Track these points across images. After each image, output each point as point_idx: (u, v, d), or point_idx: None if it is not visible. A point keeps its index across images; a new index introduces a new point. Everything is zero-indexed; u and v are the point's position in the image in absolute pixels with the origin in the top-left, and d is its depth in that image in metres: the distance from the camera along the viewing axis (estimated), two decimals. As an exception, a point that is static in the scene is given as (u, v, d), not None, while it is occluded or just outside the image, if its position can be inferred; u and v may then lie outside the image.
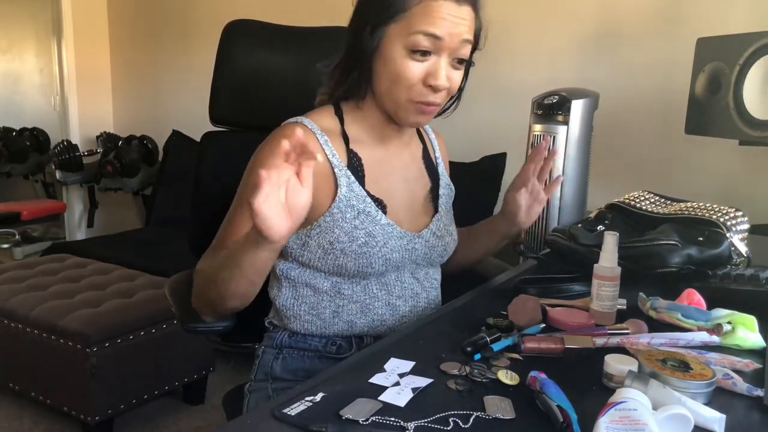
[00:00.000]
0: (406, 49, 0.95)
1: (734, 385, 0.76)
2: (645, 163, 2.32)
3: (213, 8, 3.57)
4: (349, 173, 1.02)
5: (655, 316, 0.99)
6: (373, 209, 1.02)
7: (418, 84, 0.97)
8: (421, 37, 0.94)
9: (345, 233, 1.00)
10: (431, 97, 0.98)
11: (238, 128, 1.43)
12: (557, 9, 2.48)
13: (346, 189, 1.01)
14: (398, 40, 0.96)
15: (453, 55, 0.97)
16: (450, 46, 0.96)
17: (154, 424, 2.22)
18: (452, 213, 1.19)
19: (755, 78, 1.61)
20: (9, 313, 2.14)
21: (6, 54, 5.27)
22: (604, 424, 0.61)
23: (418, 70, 0.96)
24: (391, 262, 1.04)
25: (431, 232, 1.11)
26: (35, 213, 4.04)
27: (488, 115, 2.62)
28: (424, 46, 0.95)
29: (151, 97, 3.98)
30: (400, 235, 1.05)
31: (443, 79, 0.97)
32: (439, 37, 0.94)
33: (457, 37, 0.95)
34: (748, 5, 2.07)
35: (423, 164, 1.16)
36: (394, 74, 0.97)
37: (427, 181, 1.15)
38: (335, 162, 1.01)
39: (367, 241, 1.01)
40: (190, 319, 1.17)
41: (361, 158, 1.05)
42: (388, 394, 0.73)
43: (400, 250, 1.05)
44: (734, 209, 1.24)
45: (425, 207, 1.13)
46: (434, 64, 0.96)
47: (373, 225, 1.01)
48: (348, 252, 1.00)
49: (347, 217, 1.00)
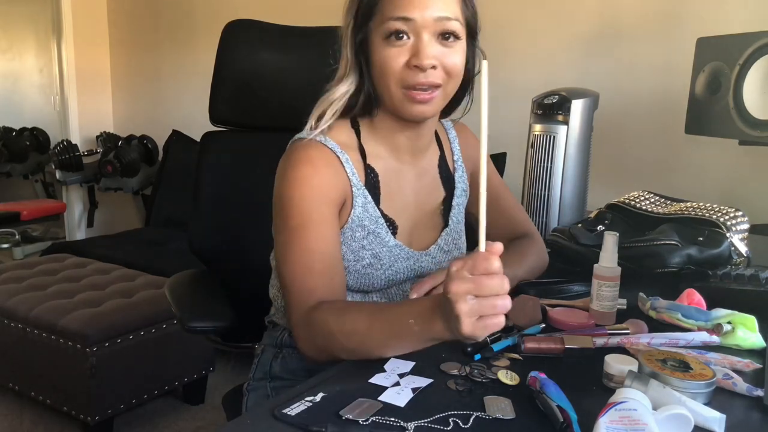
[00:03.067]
0: (383, 37, 0.93)
1: (734, 385, 0.76)
2: (645, 163, 2.32)
3: (213, 8, 3.56)
4: (366, 192, 0.99)
5: (655, 316, 0.99)
6: (383, 230, 0.99)
7: (403, 69, 0.93)
8: (392, 22, 0.91)
9: (351, 252, 0.98)
10: (421, 77, 0.92)
11: (238, 128, 1.43)
12: (557, 9, 2.48)
13: (361, 209, 0.98)
14: (377, 34, 0.94)
15: (435, 33, 0.93)
16: (425, 24, 0.91)
17: (154, 424, 2.21)
18: (463, 224, 1.14)
19: (755, 78, 1.61)
20: (9, 313, 2.14)
21: (6, 54, 5.28)
22: (604, 424, 0.61)
23: (399, 56, 0.92)
24: (395, 281, 1.02)
25: (439, 248, 1.07)
26: (35, 213, 4.04)
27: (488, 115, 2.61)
28: (398, 28, 0.91)
29: (151, 97, 3.98)
30: (407, 256, 1.02)
31: (427, 57, 0.91)
32: (409, 18, 0.91)
33: (429, 15, 0.91)
34: (748, 5, 2.07)
35: (438, 174, 1.10)
36: (380, 67, 0.94)
37: (440, 193, 1.10)
38: (354, 181, 0.98)
39: (372, 263, 0.98)
40: (190, 319, 1.18)
41: (378, 174, 1.01)
42: (388, 394, 0.73)
43: (405, 271, 1.02)
44: (734, 209, 1.24)
45: (434, 221, 1.09)
46: (415, 44, 0.92)
47: (381, 246, 0.99)
48: (351, 271, 0.98)
49: (356, 236, 0.98)
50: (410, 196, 1.05)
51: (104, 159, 3.77)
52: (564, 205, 1.60)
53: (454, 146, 1.15)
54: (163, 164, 3.62)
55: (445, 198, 1.10)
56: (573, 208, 1.61)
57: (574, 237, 1.24)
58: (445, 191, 1.11)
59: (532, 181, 1.62)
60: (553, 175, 1.59)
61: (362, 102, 0.99)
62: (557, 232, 1.29)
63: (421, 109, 0.95)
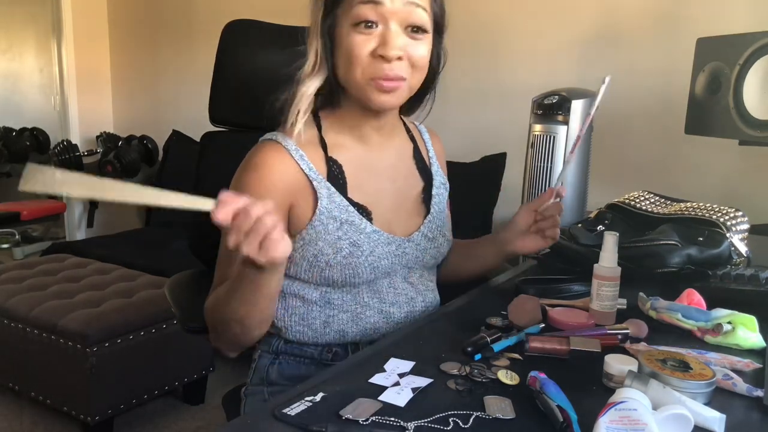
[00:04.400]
0: (352, 25, 0.93)
1: (734, 385, 0.76)
2: (645, 163, 2.32)
3: (213, 8, 3.56)
4: (329, 185, 0.99)
5: (655, 316, 0.99)
6: (357, 218, 1.00)
7: (369, 58, 0.93)
8: (361, 7, 0.91)
9: (329, 245, 0.98)
10: (387, 69, 0.92)
11: (238, 128, 1.43)
12: (557, 9, 2.48)
13: (327, 201, 0.98)
14: (344, 20, 0.94)
15: (405, 23, 0.93)
16: (394, 11, 0.91)
17: (154, 424, 2.22)
18: (447, 213, 1.16)
19: (755, 78, 1.61)
20: (9, 313, 2.14)
21: (6, 54, 5.28)
22: (604, 424, 0.62)
23: (366, 44, 0.92)
24: (380, 269, 1.02)
25: (422, 235, 1.08)
26: (35, 213, 4.04)
27: (488, 115, 2.62)
28: (367, 16, 0.91)
29: (151, 97, 3.98)
30: (387, 241, 1.02)
31: (395, 46, 0.91)
32: (378, 2, 0.91)
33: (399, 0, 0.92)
34: (748, 5, 2.07)
35: (414, 164, 1.12)
36: (346, 54, 0.94)
37: (418, 182, 1.11)
38: (313, 175, 0.98)
39: (352, 251, 0.98)
40: (190, 320, 1.18)
41: (341, 165, 1.02)
42: (388, 394, 0.73)
43: (388, 256, 1.02)
44: (734, 209, 1.24)
45: (416, 208, 1.10)
46: (383, 33, 0.92)
47: (358, 234, 0.99)
48: (333, 264, 0.98)
49: (330, 228, 0.98)
50: (385, 182, 1.06)
51: (104, 159, 3.77)
52: (564, 205, 1.60)
53: (429, 146, 1.18)
54: (163, 164, 3.62)
55: (424, 187, 1.12)
56: (573, 208, 1.61)
57: (574, 237, 1.24)
58: (423, 180, 1.12)
59: (532, 181, 1.63)
60: (553, 175, 1.59)
61: (327, 92, 1.00)
62: (557, 232, 1.29)
63: (385, 99, 0.96)
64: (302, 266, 1.00)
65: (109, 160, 3.72)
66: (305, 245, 0.99)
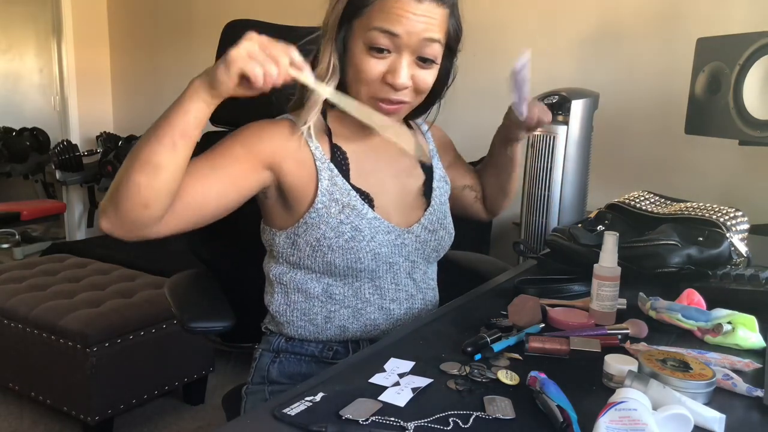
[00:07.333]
0: (365, 45, 0.94)
1: (734, 385, 0.76)
2: (645, 163, 2.32)
3: (213, 8, 3.57)
4: (332, 166, 1.01)
5: (655, 316, 0.99)
6: (359, 203, 1.01)
7: (377, 81, 0.95)
8: (377, 34, 0.93)
9: (331, 228, 0.99)
10: (392, 95, 0.96)
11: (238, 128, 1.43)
12: (557, 9, 2.48)
13: (329, 182, 1.00)
14: (359, 35, 0.95)
15: (415, 54, 0.95)
16: (409, 44, 0.93)
17: (154, 424, 2.22)
18: (448, 206, 1.17)
19: (755, 78, 1.61)
20: (9, 313, 2.14)
21: (6, 54, 5.28)
22: (604, 424, 0.62)
23: (376, 67, 0.95)
24: (381, 257, 1.02)
25: (422, 227, 1.09)
26: (35, 213, 4.05)
27: (488, 115, 2.60)
28: (381, 44, 0.93)
29: (151, 97, 3.98)
30: (387, 229, 1.03)
31: (403, 78, 0.94)
32: (395, 34, 0.92)
33: (416, 35, 0.93)
34: (748, 5, 2.07)
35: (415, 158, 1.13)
36: (355, 70, 0.96)
37: (420, 175, 1.13)
38: (318, 155, 1.00)
39: (354, 236, 0.99)
40: (190, 319, 1.18)
41: (345, 152, 1.04)
42: (388, 394, 0.73)
43: (388, 245, 1.03)
44: (734, 209, 1.24)
45: (417, 201, 1.11)
46: (394, 62, 0.94)
47: (359, 219, 1.00)
48: (335, 248, 0.99)
49: (332, 212, 0.99)
50: (389, 176, 1.08)
51: (104, 159, 3.77)
52: (564, 205, 1.60)
53: (428, 137, 1.20)
54: (163, 164, 3.62)
55: (425, 180, 1.13)
56: (573, 208, 1.61)
57: (574, 237, 1.24)
58: (425, 174, 1.14)
59: (532, 181, 1.62)
60: (553, 175, 1.59)
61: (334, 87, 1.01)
62: (557, 232, 1.29)
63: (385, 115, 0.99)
64: (306, 252, 1.01)
65: (109, 160, 3.72)
66: (308, 229, 1.00)
